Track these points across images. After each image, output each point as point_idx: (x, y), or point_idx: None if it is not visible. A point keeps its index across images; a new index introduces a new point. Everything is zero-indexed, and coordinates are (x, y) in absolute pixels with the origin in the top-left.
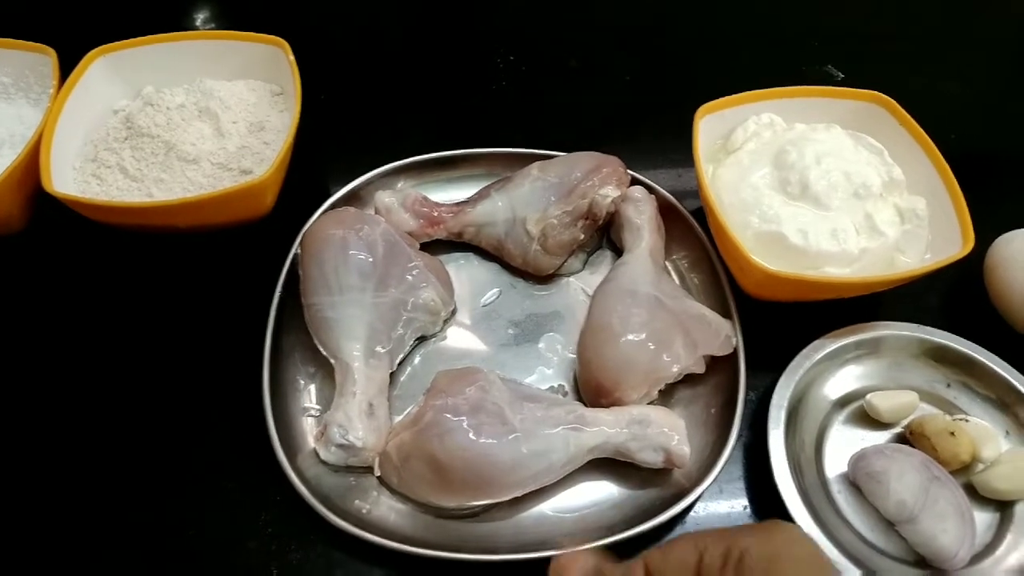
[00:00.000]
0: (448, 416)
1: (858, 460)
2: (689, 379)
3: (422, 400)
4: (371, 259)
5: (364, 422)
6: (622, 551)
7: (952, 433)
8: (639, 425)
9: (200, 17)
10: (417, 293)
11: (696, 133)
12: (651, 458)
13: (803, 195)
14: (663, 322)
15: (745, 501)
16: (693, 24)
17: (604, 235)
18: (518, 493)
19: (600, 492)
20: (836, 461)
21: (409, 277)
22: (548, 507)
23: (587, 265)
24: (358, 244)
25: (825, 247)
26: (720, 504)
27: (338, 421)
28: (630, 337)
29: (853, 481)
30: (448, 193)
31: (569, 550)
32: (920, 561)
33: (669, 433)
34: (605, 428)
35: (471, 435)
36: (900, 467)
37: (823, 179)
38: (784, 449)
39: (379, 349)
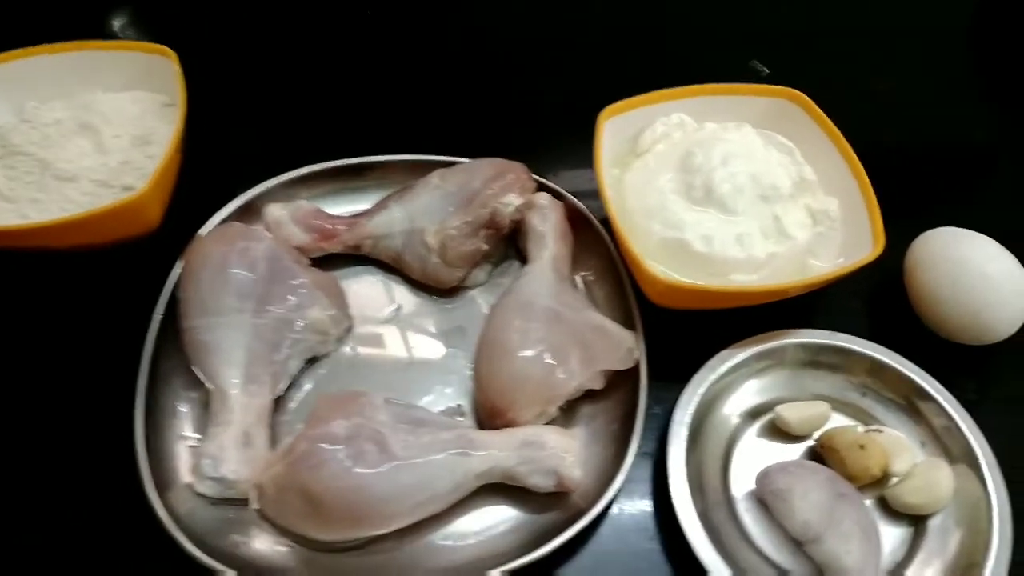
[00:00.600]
0: (323, 446)
1: (763, 478)
2: (592, 395)
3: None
4: (251, 277)
5: (238, 453)
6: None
7: (862, 446)
8: (530, 448)
9: (90, 27)
10: (303, 312)
11: (599, 135)
12: (541, 482)
13: (708, 199)
14: (560, 336)
15: (650, 522)
16: (612, 20)
17: (511, 244)
18: (402, 524)
19: (497, 517)
20: (745, 477)
21: (293, 296)
22: (441, 535)
23: (493, 276)
24: (237, 262)
25: (731, 254)
26: (623, 524)
27: (210, 453)
28: (524, 353)
29: (761, 499)
30: (353, 205)
31: None
32: None
33: (561, 455)
34: (495, 452)
35: (346, 465)
36: (805, 485)
37: (728, 182)
38: (684, 467)
39: (260, 374)
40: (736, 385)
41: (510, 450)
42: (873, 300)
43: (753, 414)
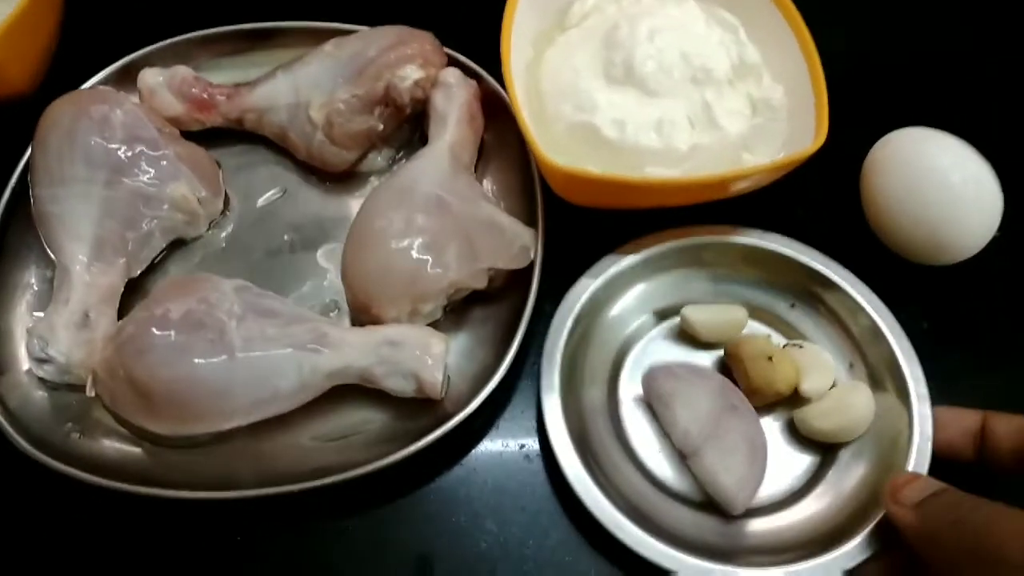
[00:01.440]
0: (153, 330)
1: (647, 379)
2: (485, 297)
3: None
4: (104, 145)
5: (72, 334)
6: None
7: (770, 358)
8: (390, 347)
9: None
10: (164, 187)
11: (512, 4)
12: (399, 385)
13: (628, 79)
14: (440, 228)
15: (531, 436)
16: None
17: (418, 128)
18: (243, 421)
19: (362, 421)
20: (637, 382)
21: (153, 168)
22: (298, 437)
23: (398, 163)
24: (88, 128)
25: (645, 142)
26: (504, 436)
27: (39, 332)
28: (390, 243)
29: (648, 404)
30: (247, 78)
31: None
32: (708, 503)
33: (422, 357)
34: (348, 350)
35: (175, 353)
36: (691, 391)
37: (653, 59)
38: (559, 370)
39: (110, 252)
40: (639, 284)
41: (367, 349)
42: (824, 210)
43: (661, 315)
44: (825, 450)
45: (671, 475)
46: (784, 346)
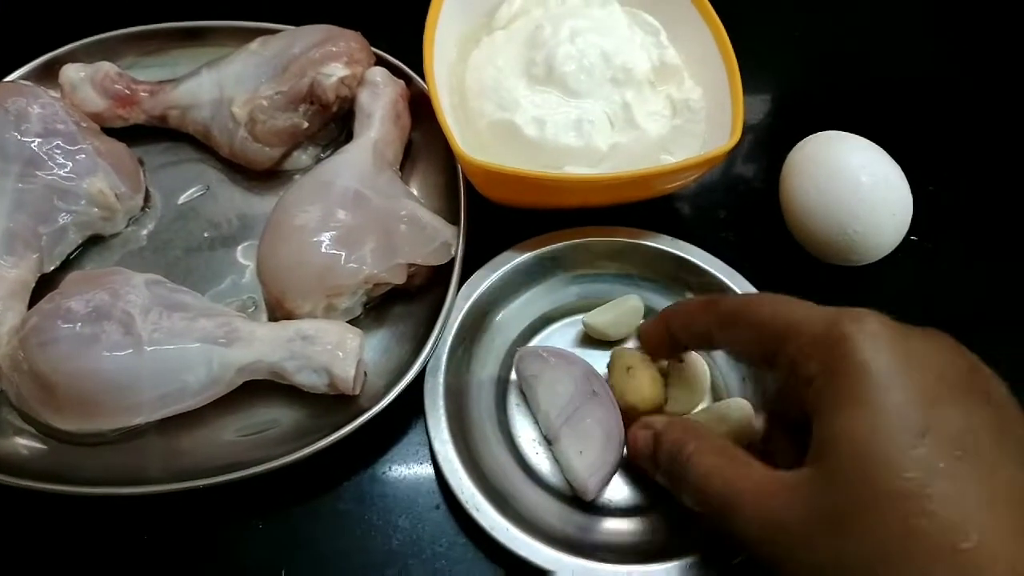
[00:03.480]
0: (58, 322)
1: (517, 361)
2: (406, 294)
3: None
4: (17, 138)
5: None
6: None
7: (629, 369)
8: (302, 342)
9: None
10: (81, 182)
11: (436, 5)
12: (311, 380)
13: (549, 78)
14: (358, 221)
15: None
16: None
17: (345, 127)
18: (149, 417)
19: (275, 417)
20: None
21: (70, 162)
22: (210, 432)
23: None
24: (3, 120)
25: (564, 141)
26: (417, 433)
27: None
28: (304, 236)
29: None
30: (173, 74)
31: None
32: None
33: (334, 351)
34: (260, 344)
35: (78, 345)
36: (555, 375)
37: (573, 60)
38: (447, 357)
39: (20, 245)
40: (544, 283)
41: (279, 343)
42: (743, 213)
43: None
44: None
45: (543, 461)
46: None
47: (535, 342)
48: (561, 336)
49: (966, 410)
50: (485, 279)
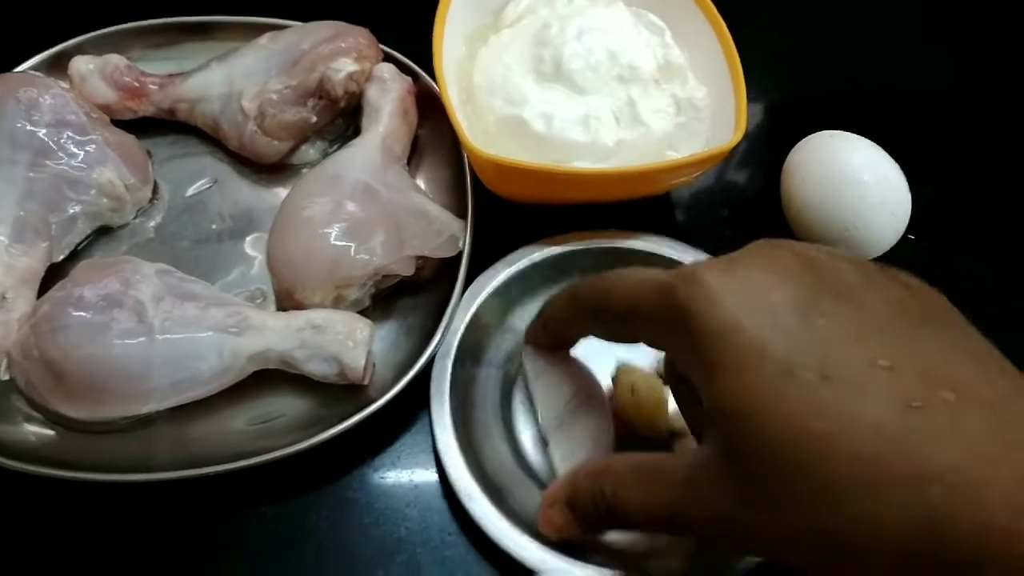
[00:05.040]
0: (69, 310)
1: (524, 355)
2: (413, 287)
3: None
4: (28, 128)
5: None
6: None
7: (633, 391)
8: (313, 331)
9: None
10: (91, 172)
11: (445, 2)
12: (321, 369)
13: (556, 75)
14: (367, 214)
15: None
16: None
17: (353, 122)
18: (160, 405)
19: (282, 406)
20: None
21: (80, 152)
22: (217, 421)
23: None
24: (14, 110)
25: (571, 136)
26: (425, 424)
27: None
28: (314, 228)
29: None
30: (181, 67)
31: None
32: None
33: (344, 340)
34: (270, 333)
35: (90, 332)
36: (556, 376)
37: (581, 57)
38: (456, 349)
39: (31, 234)
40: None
41: (289, 332)
42: (744, 211)
43: None
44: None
45: (539, 458)
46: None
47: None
48: None
49: (822, 313)
50: (500, 273)
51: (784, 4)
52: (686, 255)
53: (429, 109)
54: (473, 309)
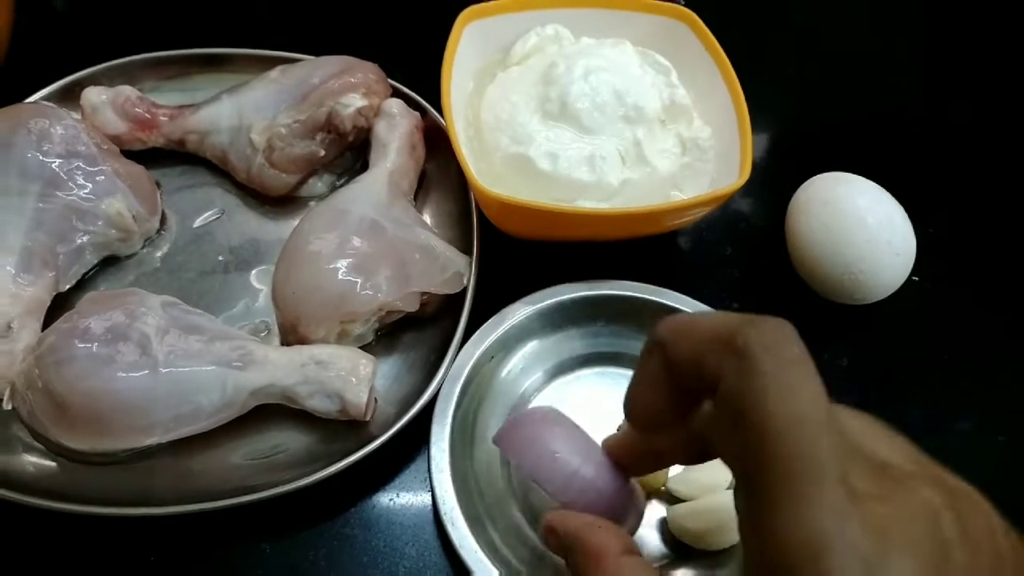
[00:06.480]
0: (74, 341)
1: (498, 438)
2: (418, 322)
3: None
4: (39, 158)
5: None
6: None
7: None
8: (316, 366)
9: None
10: (99, 202)
11: (454, 38)
12: (323, 405)
13: (563, 114)
14: (373, 249)
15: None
16: None
17: (361, 157)
18: (163, 438)
19: (284, 441)
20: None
21: (89, 183)
22: (218, 455)
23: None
24: (26, 140)
25: (577, 175)
26: (425, 461)
27: None
28: (320, 263)
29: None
30: (192, 99)
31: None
32: None
33: (347, 377)
34: (273, 368)
35: (95, 365)
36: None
37: (587, 97)
38: (454, 405)
39: (39, 264)
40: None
41: (292, 367)
42: (748, 250)
43: (591, 360)
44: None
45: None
46: None
47: (551, 389)
48: (579, 383)
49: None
50: (500, 325)
51: (790, 41)
52: (686, 304)
53: (437, 143)
54: (478, 351)
